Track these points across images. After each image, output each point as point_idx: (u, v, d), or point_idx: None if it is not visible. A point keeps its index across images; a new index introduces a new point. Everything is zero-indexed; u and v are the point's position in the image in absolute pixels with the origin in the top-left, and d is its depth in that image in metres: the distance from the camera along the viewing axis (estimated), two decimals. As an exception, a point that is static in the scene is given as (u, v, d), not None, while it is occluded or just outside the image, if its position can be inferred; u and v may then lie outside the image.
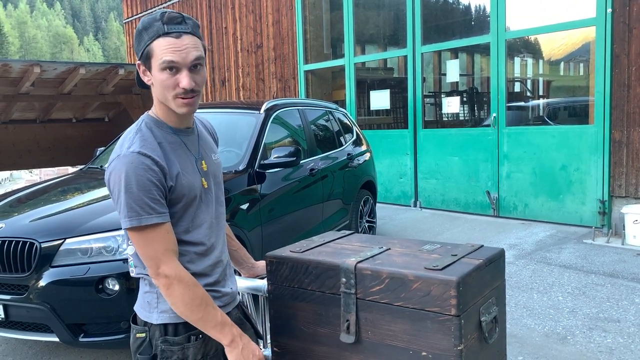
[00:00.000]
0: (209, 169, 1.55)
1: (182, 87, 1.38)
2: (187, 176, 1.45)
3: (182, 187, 1.42)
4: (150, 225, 1.35)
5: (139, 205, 1.34)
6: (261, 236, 3.95)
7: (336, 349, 1.35)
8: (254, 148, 4.20)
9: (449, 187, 7.29)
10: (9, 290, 3.13)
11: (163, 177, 1.38)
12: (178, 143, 1.47)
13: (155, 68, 1.39)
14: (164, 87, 1.40)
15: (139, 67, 1.43)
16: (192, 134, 1.54)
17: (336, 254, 1.41)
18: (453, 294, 1.14)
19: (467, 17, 8.12)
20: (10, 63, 6.64)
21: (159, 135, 1.45)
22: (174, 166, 1.42)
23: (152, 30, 1.38)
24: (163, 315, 1.46)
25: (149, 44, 1.38)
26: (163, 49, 1.37)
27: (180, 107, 1.42)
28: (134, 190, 1.33)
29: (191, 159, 1.49)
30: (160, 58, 1.37)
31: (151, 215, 1.35)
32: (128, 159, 1.35)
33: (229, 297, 1.56)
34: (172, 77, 1.38)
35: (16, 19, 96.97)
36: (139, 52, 1.41)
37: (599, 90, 5.80)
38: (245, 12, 10.15)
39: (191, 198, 1.46)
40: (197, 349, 1.46)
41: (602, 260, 4.93)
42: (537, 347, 3.34)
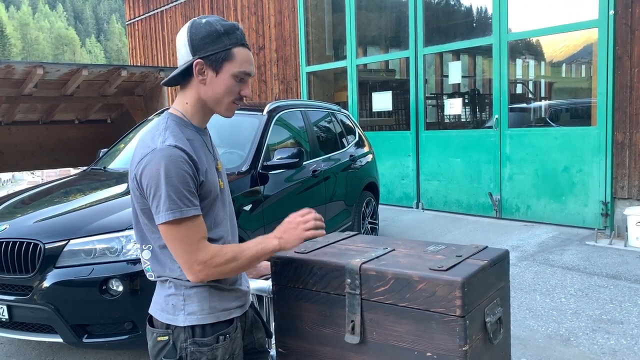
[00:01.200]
0: (222, 169, 1.60)
1: (245, 95, 1.48)
2: (211, 174, 1.48)
3: (209, 184, 1.45)
4: (190, 217, 1.37)
5: (179, 198, 1.35)
6: (264, 237, 3.95)
7: (341, 349, 1.35)
8: (257, 149, 4.21)
9: (451, 188, 7.29)
10: (13, 291, 3.14)
11: (196, 171, 1.41)
12: (201, 142, 1.50)
13: (228, 72, 1.44)
14: (228, 92, 1.46)
15: (197, 64, 1.43)
16: (207, 134, 1.58)
17: (341, 254, 1.41)
18: (458, 294, 1.14)
19: (469, 19, 8.12)
20: (13, 65, 6.66)
21: (185, 132, 1.46)
22: (202, 162, 1.45)
23: (235, 37, 1.44)
24: (191, 317, 1.45)
25: (230, 48, 1.43)
26: (244, 59, 1.45)
27: (231, 112, 1.51)
28: (175, 183, 1.35)
29: (210, 158, 1.52)
30: (241, 66, 1.45)
31: (190, 208, 1.36)
32: (166, 152, 1.36)
33: (246, 296, 1.59)
34: (238, 84, 1.46)
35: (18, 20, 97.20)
36: (209, 51, 1.42)
37: (601, 92, 5.79)
38: (248, 14, 10.17)
39: (214, 196, 1.48)
40: (225, 349, 1.47)
41: (605, 262, 4.93)
42: (540, 349, 3.33)
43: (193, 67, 1.43)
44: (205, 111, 1.51)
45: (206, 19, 1.45)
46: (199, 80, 1.45)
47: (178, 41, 1.48)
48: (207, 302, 1.46)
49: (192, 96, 1.48)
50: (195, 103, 1.49)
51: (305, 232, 1.45)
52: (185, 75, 1.46)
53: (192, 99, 1.49)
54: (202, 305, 1.46)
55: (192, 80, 1.46)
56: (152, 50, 13.10)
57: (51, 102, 8.10)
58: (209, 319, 1.46)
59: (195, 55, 1.43)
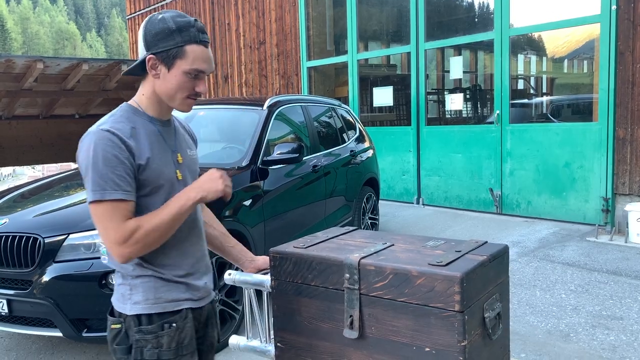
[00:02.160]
0: (184, 161, 1.61)
1: (199, 92, 1.51)
2: (157, 162, 1.50)
3: (151, 171, 1.47)
4: (113, 200, 1.38)
5: (104, 180, 1.38)
6: (264, 232, 3.95)
7: (339, 344, 1.35)
8: (257, 144, 4.20)
9: (451, 184, 7.28)
10: (12, 285, 3.14)
11: (131, 156, 1.43)
12: (154, 132, 1.53)
13: (178, 69, 1.46)
14: (180, 88, 1.49)
15: (149, 59, 1.46)
16: (169, 126, 1.60)
17: (340, 249, 1.41)
18: (457, 289, 1.13)
19: (470, 14, 8.09)
20: (14, 59, 6.64)
21: (134, 120, 1.50)
22: (145, 149, 1.47)
23: (187, 35, 1.46)
24: (136, 306, 1.49)
25: (181, 45, 1.45)
26: (197, 57, 1.47)
27: (187, 107, 1.53)
28: (100, 166, 1.38)
29: (166, 149, 1.55)
30: (192, 64, 1.46)
31: (115, 191, 1.39)
32: (96, 136, 1.41)
33: (202, 291, 1.60)
34: (191, 81, 1.49)
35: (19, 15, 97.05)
36: (161, 48, 1.45)
37: (603, 88, 5.78)
38: (248, 9, 10.14)
39: (159, 185, 1.50)
40: (170, 337, 1.49)
41: (605, 257, 4.92)
42: (540, 345, 3.33)
43: (146, 62, 1.47)
44: (162, 104, 1.54)
45: (162, 15, 1.48)
46: (152, 75, 1.49)
47: (138, 34, 1.53)
48: (153, 293, 1.49)
49: (147, 89, 1.53)
50: (150, 95, 1.53)
51: (225, 188, 1.48)
52: (143, 69, 1.50)
53: (147, 92, 1.53)
54: (147, 295, 1.49)
55: (148, 73, 1.51)
56: (152, 44, 13.06)
57: (51, 96, 8.09)
58: (155, 309, 1.49)
59: (149, 51, 1.46)
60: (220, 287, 3.49)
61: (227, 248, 1.81)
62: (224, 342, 3.44)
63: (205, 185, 1.47)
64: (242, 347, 1.72)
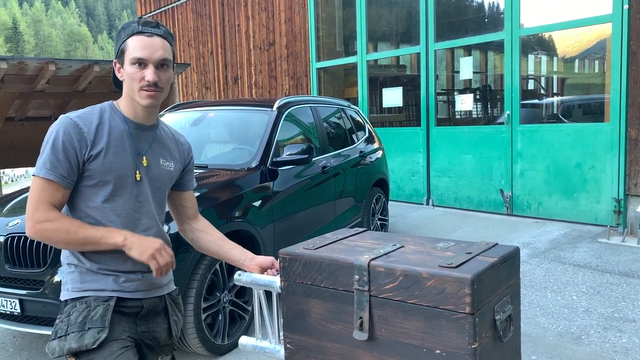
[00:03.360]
0: (150, 167, 1.67)
1: (147, 80, 1.55)
2: (110, 158, 1.57)
3: (100, 164, 1.56)
4: (45, 179, 1.51)
5: (45, 161, 1.51)
6: (273, 233, 3.95)
7: (349, 346, 1.34)
8: (267, 145, 4.20)
9: (461, 185, 7.25)
10: (25, 285, 3.17)
11: (83, 147, 1.53)
12: (123, 131, 1.62)
13: (126, 62, 1.56)
14: (132, 80, 1.56)
15: (115, 65, 1.60)
16: (147, 131, 1.67)
17: (349, 251, 1.41)
18: (467, 292, 1.13)
19: (480, 14, 8.05)
20: (26, 61, 6.70)
21: (107, 116, 1.61)
22: (101, 142, 1.56)
23: (129, 30, 1.57)
24: (64, 293, 1.62)
25: (124, 40, 1.57)
26: (135, 46, 1.55)
27: (144, 99, 1.58)
28: (47, 148, 1.52)
29: (129, 149, 1.62)
30: (132, 53, 1.55)
31: (50, 172, 1.50)
32: (59, 121, 1.55)
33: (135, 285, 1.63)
34: (140, 71, 1.55)
35: (32, 17, 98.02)
36: (115, 51, 1.60)
37: (614, 88, 5.73)
38: (258, 10, 10.17)
39: (106, 180, 1.57)
40: (79, 312, 1.57)
41: (617, 259, 4.88)
42: (551, 347, 3.31)
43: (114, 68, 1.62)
44: (135, 105, 1.62)
45: None
46: (120, 77, 1.62)
47: None
48: (79, 282, 1.60)
49: (124, 91, 1.64)
50: (126, 97, 1.63)
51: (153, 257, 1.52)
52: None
53: (124, 94, 1.64)
54: (75, 285, 1.60)
55: None
56: (163, 46, 13.13)
57: (63, 98, 8.16)
58: (78, 295, 1.59)
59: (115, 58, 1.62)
60: (229, 288, 3.50)
61: (226, 250, 1.83)
62: (233, 342, 3.46)
63: (142, 243, 1.53)
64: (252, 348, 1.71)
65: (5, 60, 6.41)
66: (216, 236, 1.86)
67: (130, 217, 1.62)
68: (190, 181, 1.88)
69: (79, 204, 1.59)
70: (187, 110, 4.97)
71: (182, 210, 1.87)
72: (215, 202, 3.46)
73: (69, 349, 1.53)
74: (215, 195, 3.52)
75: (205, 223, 1.90)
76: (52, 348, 1.56)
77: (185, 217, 1.88)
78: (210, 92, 11.72)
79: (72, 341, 1.53)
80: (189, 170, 1.87)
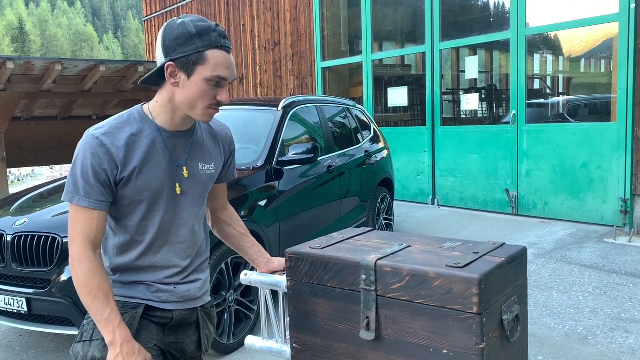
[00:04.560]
0: (192, 176, 1.55)
1: (220, 101, 1.44)
2: (145, 175, 1.46)
3: (133, 185, 1.45)
4: (80, 206, 1.42)
5: (76, 186, 1.42)
6: (279, 233, 3.96)
7: (356, 345, 1.34)
8: (272, 145, 4.21)
9: (467, 184, 7.23)
10: (31, 284, 3.19)
11: (114, 168, 1.42)
12: (157, 142, 1.48)
13: (200, 75, 1.39)
14: (201, 96, 1.42)
15: (168, 66, 1.40)
16: (181, 137, 1.53)
17: (356, 250, 1.41)
18: (475, 292, 1.12)
19: (486, 14, 8.03)
20: (33, 61, 6.74)
21: (139, 127, 1.47)
22: (134, 160, 1.44)
23: (208, 39, 1.39)
24: None
25: (202, 51, 1.38)
26: (219, 63, 1.40)
27: (207, 117, 1.46)
28: (77, 171, 1.42)
29: (166, 161, 1.50)
30: (214, 70, 1.39)
31: (84, 198, 1.41)
32: (85, 140, 1.43)
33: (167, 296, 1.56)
34: (213, 89, 1.42)
35: (38, 17, 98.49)
36: (180, 53, 1.39)
37: (621, 87, 5.70)
38: (263, 10, 10.18)
39: (140, 199, 1.48)
40: None
41: (624, 259, 4.85)
42: (557, 347, 3.30)
43: (165, 70, 1.41)
44: (176, 113, 1.48)
45: (182, 19, 1.41)
46: (171, 83, 1.42)
47: (157, 40, 1.46)
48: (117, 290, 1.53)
49: (163, 97, 1.47)
50: (165, 104, 1.47)
51: None
52: (162, 77, 1.44)
53: (162, 100, 1.48)
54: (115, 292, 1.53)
55: (166, 82, 1.44)
56: (168, 46, 13.16)
57: (69, 97, 8.19)
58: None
59: (167, 58, 1.40)
60: (236, 287, 3.51)
61: (244, 248, 1.81)
62: (239, 341, 3.46)
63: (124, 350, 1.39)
64: (258, 347, 1.72)
65: (12, 60, 6.45)
66: (238, 231, 1.80)
67: (165, 231, 1.54)
68: (228, 174, 1.76)
69: (117, 222, 1.52)
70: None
71: (211, 200, 1.76)
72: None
73: (92, 358, 1.46)
74: (220, 194, 3.53)
75: (230, 214, 1.82)
76: (76, 351, 1.49)
77: (214, 206, 1.79)
78: (216, 91, 11.72)
79: (96, 349, 1.46)
80: (229, 163, 1.75)
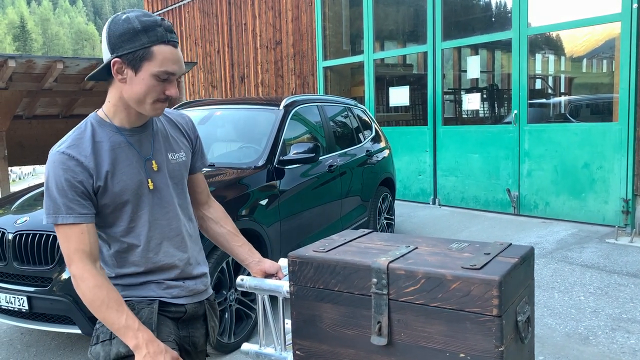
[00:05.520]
0: (161, 168, 1.54)
1: (169, 95, 1.42)
2: (119, 177, 1.45)
3: (112, 188, 1.44)
4: (66, 224, 1.39)
5: (56, 204, 1.38)
6: (280, 232, 3.95)
7: (365, 351, 1.31)
8: (273, 144, 4.20)
9: (468, 184, 7.22)
10: (33, 282, 3.18)
11: (88, 177, 1.41)
12: (121, 143, 1.47)
13: (147, 71, 1.38)
14: (149, 92, 1.40)
15: (115, 63, 1.38)
16: (142, 132, 1.52)
17: (362, 253, 1.37)
18: (495, 293, 1.11)
19: (488, 13, 8.01)
20: (34, 59, 6.71)
21: (98, 133, 1.46)
22: (104, 166, 1.43)
23: (154, 35, 1.37)
24: None
25: (148, 46, 1.37)
26: (166, 58, 1.38)
27: (156, 111, 1.44)
28: (53, 190, 1.38)
29: (135, 159, 1.49)
30: (161, 65, 1.38)
31: (68, 215, 1.38)
32: (52, 158, 1.40)
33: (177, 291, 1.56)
34: (161, 84, 1.40)
35: (39, 16, 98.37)
36: (126, 50, 1.37)
37: (623, 87, 5.69)
38: (265, 9, 10.16)
39: (123, 201, 1.46)
40: None
41: (626, 260, 4.85)
42: (559, 347, 3.29)
43: (111, 66, 1.39)
44: (130, 110, 1.46)
45: (127, 14, 1.39)
46: (119, 79, 1.40)
47: (102, 36, 1.44)
48: (120, 290, 1.49)
49: (114, 95, 1.45)
50: (117, 102, 1.46)
51: None
52: (109, 73, 1.41)
53: (113, 98, 1.46)
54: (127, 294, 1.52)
55: (113, 78, 1.42)
56: (168, 44, 13.13)
57: (71, 96, 8.17)
58: None
59: (113, 54, 1.38)
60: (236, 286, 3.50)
61: (233, 247, 1.77)
62: (239, 341, 3.45)
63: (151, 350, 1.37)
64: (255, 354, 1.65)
65: (14, 58, 6.42)
66: (227, 230, 1.77)
67: (158, 227, 1.52)
68: (198, 161, 1.72)
69: (106, 232, 1.50)
70: (194, 109, 4.97)
71: (192, 196, 1.72)
72: (221, 200, 3.45)
73: (116, 353, 1.43)
74: (222, 193, 3.52)
75: (217, 211, 1.79)
76: (95, 353, 1.47)
77: (196, 202, 1.75)
78: (217, 90, 11.71)
79: (120, 345, 1.43)
80: (197, 149, 1.71)
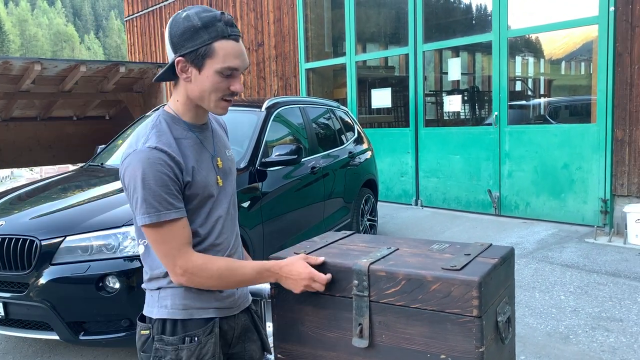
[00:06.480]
0: (224, 165, 1.54)
1: (234, 91, 1.41)
2: (202, 173, 1.44)
3: (197, 184, 1.42)
4: (169, 220, 1.34)
5: (157, 201, 1.33)
6: (262, 234, 3.92)
7: (347, 353, 1.30)
8: (255, 146, 4.18)
9: (450, 185, 7.27)
10: (9, 288, 3.11)
11: (180, 172, 1.37)
12: (194, 140, 1.46)
13: (210, 68, 1.37)
14: (214, 89, 1.39)
15: (178, 62, 1.37)
16: (206, 130, 1.52)
17: (344, 255, 1.37)
18: (475, 294, 1.10)
19: (468, 16, 8.09)
20: (11, 60, 6.60)
21: (175, 130, 1.43)
22: (189, 162, 1.41)
23: (214, 30, 1.35)
24: (162, 310, 1.44)
25: (209, 43, 1.35)
26: (228, 53, 1.36)
27: (222, 109, 1.43)
28: (152, 186, 1.33)
29: (207, 156, 1.48)
30: (224, 62, 1.36)
31: (170, 211, 1.34)
32: (144, 155, 1.34)
33: (232, 299, 1.51)
34: (225, 80, 1.39)
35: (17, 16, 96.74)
36: (188, 48, 1.36)
37: (601, 89, 5.77)
38: (247, 10, 10.12)
39: (205, 195, 1.44)
40: (190, 352, 1.42)
41: (604, 259, 4.92)
42: (540, 347, 3.32)
43: (175, 66, 1.38)
44: (198, 109, 1.46)
45: (186, 12, 1.38)
46: (184, 78, 1.40)
47: (165, 36, 1.43)
48: (180, 299, 1.43)
49: (181, 94, 1.44)
50: (185, 101, 1.44)
51: (304, 289, 1.39)
52: (174, 73, 1.41)
53: (182, 97, 1.44)
54: (175, 301, 1.43)
55: (179, 78, 1.42)
56: (150, 46, 13.04)
57: (49, 98, 8.05)
58: (180, 315, 1.43)
59: (177, 53, 1.37)
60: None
61: None
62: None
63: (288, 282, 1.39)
64: None
65: (-11, 59, 6.31)
66: None
67: (227, 224, 1.51)
68: None
69: None
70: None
71: None
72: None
73: None
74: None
75: None
76: None
77: None
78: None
79: None
80: None
